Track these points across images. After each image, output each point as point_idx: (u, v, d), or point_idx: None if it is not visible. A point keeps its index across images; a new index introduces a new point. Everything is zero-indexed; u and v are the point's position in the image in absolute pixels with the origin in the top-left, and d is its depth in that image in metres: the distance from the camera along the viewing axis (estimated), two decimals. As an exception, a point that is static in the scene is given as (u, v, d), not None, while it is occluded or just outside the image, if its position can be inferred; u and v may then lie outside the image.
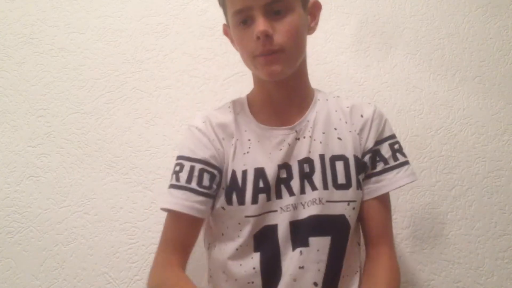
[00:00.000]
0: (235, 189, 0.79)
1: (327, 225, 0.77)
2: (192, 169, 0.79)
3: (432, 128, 1.22)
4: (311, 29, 0.82)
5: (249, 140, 0.82)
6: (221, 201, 0.80)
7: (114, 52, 1.18)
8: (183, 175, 0.79)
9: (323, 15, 1.26)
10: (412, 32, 1.27)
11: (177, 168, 0.81)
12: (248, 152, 0.81)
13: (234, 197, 0.79)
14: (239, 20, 0.74)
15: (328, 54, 1.23)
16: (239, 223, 0.79)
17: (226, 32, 0.86)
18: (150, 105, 1.16)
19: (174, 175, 0.81)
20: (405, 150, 0.84)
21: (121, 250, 1.07)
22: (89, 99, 1.15)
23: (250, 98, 0.89)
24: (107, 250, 1.07)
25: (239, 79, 1.19)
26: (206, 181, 0.79)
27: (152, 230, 1.08)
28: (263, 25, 0.70)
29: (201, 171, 0.79)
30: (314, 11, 0.82)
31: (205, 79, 1.19)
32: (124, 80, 1.17)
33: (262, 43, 0.71)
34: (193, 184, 0.78)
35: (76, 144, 1.12)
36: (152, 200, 1.09)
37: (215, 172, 0.80)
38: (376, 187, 0.82)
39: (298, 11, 0.75)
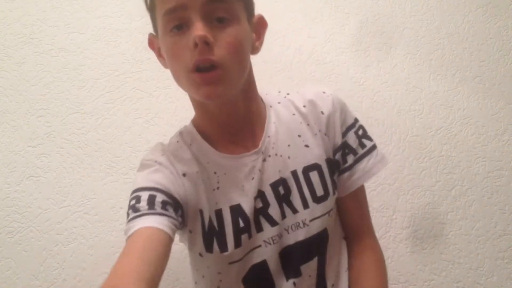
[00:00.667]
0: (214, 234, 0.68)
1: (313, 247, 0.73)
2: (152, 198, 0.63)
3: (432, 128, 1.22)
4: (255, 49, 0.69)
5: (215, 173, 0.70)
6: (199, 247, 0.69)
7: (114, 52, 1.18)
8: (142, 205, 0.62)
9: (323, 15, 1.27)
10: (412, 32, 1.27)
11: (133, 201, 0.64)
12: (218, 188, 0.69)
13: (215, 244, 0.68)
14: (172, 25, 0.60)
15: (328, 54, 1.23)
16: (219, 273, 0.70)
17: (151, 43, 0.71)
18: (150, 105, 1.16)
19: (130, 210, 0.63)
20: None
21: (121, 250, 1.07)
22: (89, 99, 1.15)
23: (197, 125, 0.74)
24: (107, 250, 1.07)
25: (239, 79, 1.19)
26: (171, 211, 0.63)
27: (152, 230, 1.08)
28: (202, 29, 0.57)
29: (164, 203, 0.63)
30: (259, 29, 0.70)
31: (205, 79, 1.19)
32: (124, 80, 1.17)
33: (200, 51, 0.58)
34: (158, 209, 0.62)
35: (76, 144, 1.12)
36: (152, 200, 1.09)
37: (179, 208, 0.66)
38: (351, 182, 0.75)
39: (243, 24, 0.64)
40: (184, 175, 0.69)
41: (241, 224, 0.68)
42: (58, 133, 1.12)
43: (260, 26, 0.70)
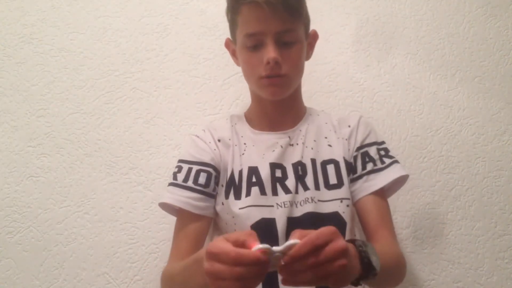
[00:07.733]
0: (233, 186, 0.87)
1: (321, 223, 0.76)
2: (189, 170, 0.88)
3: (432, 128, 1.22)
4: (308, 57, 0.92)
5: (244, 144, 0.91)
6: (222, 197, 0.88)
7: (114, 52, 1.18)
8: (181, 176, 0.88)
9: (323, 15, 1.27)
10: (412, 32, 1.27)
11: (176, 169, 0.90)
12: (243, 154, 0.89)
13: (232, 192, 0.86)
14: (250, 44, 0.81)
15: (328, 54, 1.23)
16: (233, 217, 0.84)
17: (227, 45, 0.94)
18: (150, 105, 1.16)
19: (172, 175, 0.90)
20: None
21: (121, 250, 1.07)
22: (89, 99, 1.15)
23: (247, 113, 0.98)
24: (107, 250, 1.07)
25: (239, 79, 1.18)
26: (202, 179, 0.87)
27: (152, 230, 1.08)
28: (275, 53, 0.78)
29: (198, 172, 0.87)
30: (312, 41, 0.92)
31: (205, 79, 1.19)
32: (124, 80, 1.17)
33: (271, 68, 0.79)
34: (189, 183, 0.87)
35: (76, 144, 1.12)
36: (152, 200, 1.09)
37: (211, 170, 0.88)
38: (369, 185, 0.87)
39: (302, 42, 0.85)
40: (219, 140, 0.92)
41: (253, 179, 0.86)
42: (58, 133, 1.12)
43: (313, 39, 0.93)
